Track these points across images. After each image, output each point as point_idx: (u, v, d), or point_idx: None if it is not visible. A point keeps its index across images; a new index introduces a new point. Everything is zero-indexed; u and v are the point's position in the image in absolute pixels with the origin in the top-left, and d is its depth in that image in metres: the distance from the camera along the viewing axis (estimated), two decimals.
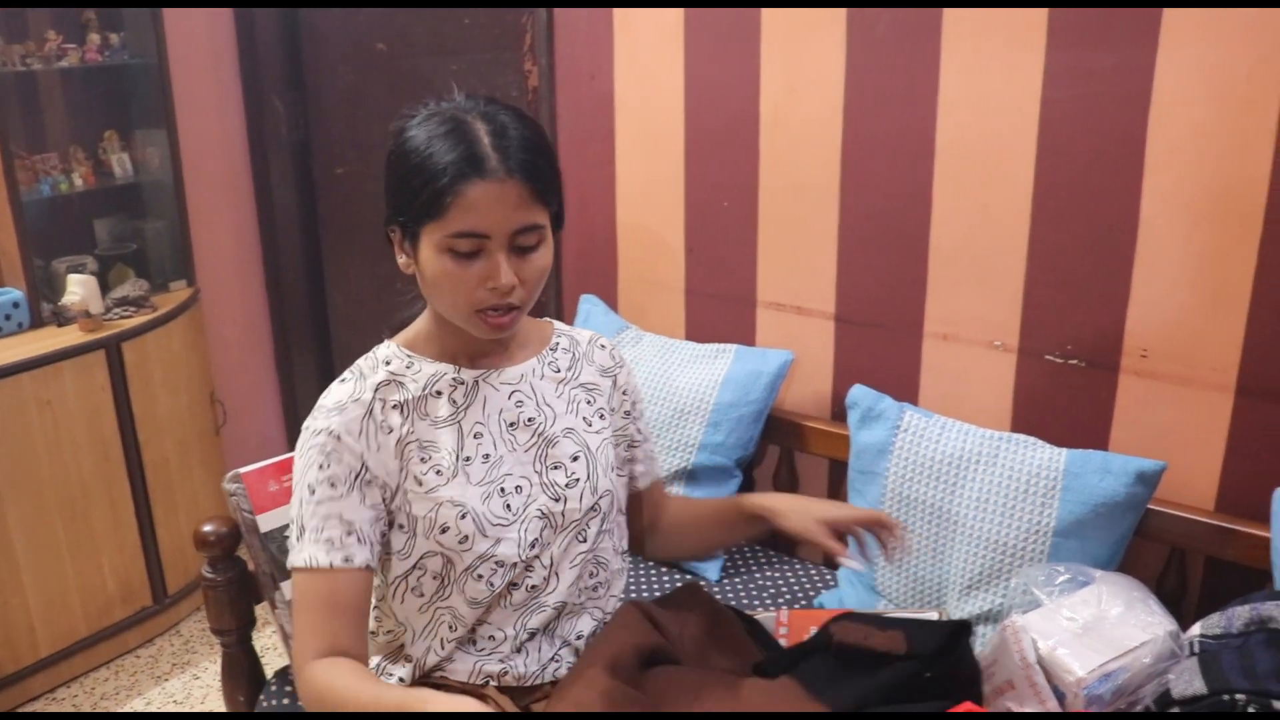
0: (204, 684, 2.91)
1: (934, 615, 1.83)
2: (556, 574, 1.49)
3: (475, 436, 1.45)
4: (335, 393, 1.42)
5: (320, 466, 1.38)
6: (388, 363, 1.45)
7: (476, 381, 1.47)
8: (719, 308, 2.45)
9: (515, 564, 1.44)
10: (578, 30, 2.53)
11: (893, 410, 2.03)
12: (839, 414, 2.24)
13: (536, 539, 1.45)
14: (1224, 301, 1.78)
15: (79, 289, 2.90)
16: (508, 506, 1.44)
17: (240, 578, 1.83)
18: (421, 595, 1.46)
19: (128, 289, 3.08)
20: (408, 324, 1.52)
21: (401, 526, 1.43)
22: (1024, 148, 1.92)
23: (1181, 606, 1.84)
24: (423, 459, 1.41)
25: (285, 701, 1.80)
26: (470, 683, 1.47)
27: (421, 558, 1.43)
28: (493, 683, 1.48)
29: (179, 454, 3.14)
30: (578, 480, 1.50)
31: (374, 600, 1.52)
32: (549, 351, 1.57)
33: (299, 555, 1.39)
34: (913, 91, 2.03)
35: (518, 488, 1.46)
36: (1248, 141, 1.71)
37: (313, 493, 1.38)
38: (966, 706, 1.36)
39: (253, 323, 3.82)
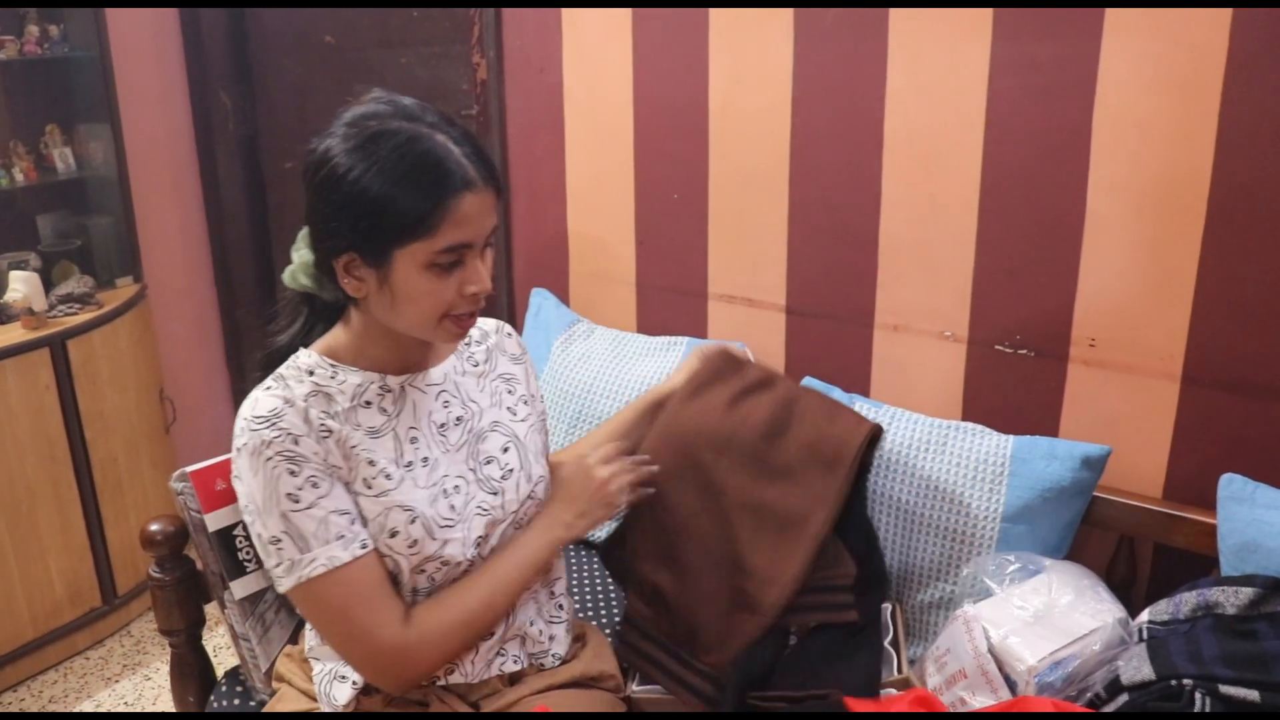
0: (155, 684, 2.88)
1: (886, 607, 1.84)
2: None
3: (412, 441, 1.43)
4: (265, 402, 1.36)
5: (292, 474, 1.32)
6: (310, 372, 1.40)
7: (403, 387, 1.45)
8: (670, 300, 2.45)
9: (460, 563, 1.43)
10: (526, 24, 2.52)
11: (841, 401, 2.03)
12: None
13: (482, 536, 1.45)
14: (1169, 290, 1.80)
15: (21, 286, 2.85)
16: (452, 507, 1.43)
17: (188, 577, 1.80)
18: None
19: (72, 286, 3.02)
20: (276, 357, 1.47)
21: None
22: (971, 138, 1.93)
23: (1131, 593, 1.86)
24: (370, 462, 1.38)
25: (236, 702, 1.78)
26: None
27: None
28: (439, 682, 1.47)
29: (128, 453, 3.10)
30: (511, 471, 1.51)
31: None
32: (465, 347, 1.57)
33: (313, 565, 1.33)
34: (860, 82, 2.04)
35: (456, 487, 1.45)
36: (1191, 132, 1.72)
37: (298, 501, 1.32)
38: (918, 693, 1.37)
39: (202, 319, 3.77)
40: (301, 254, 1.45)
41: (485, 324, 1.63)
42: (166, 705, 2.78)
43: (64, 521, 2.91)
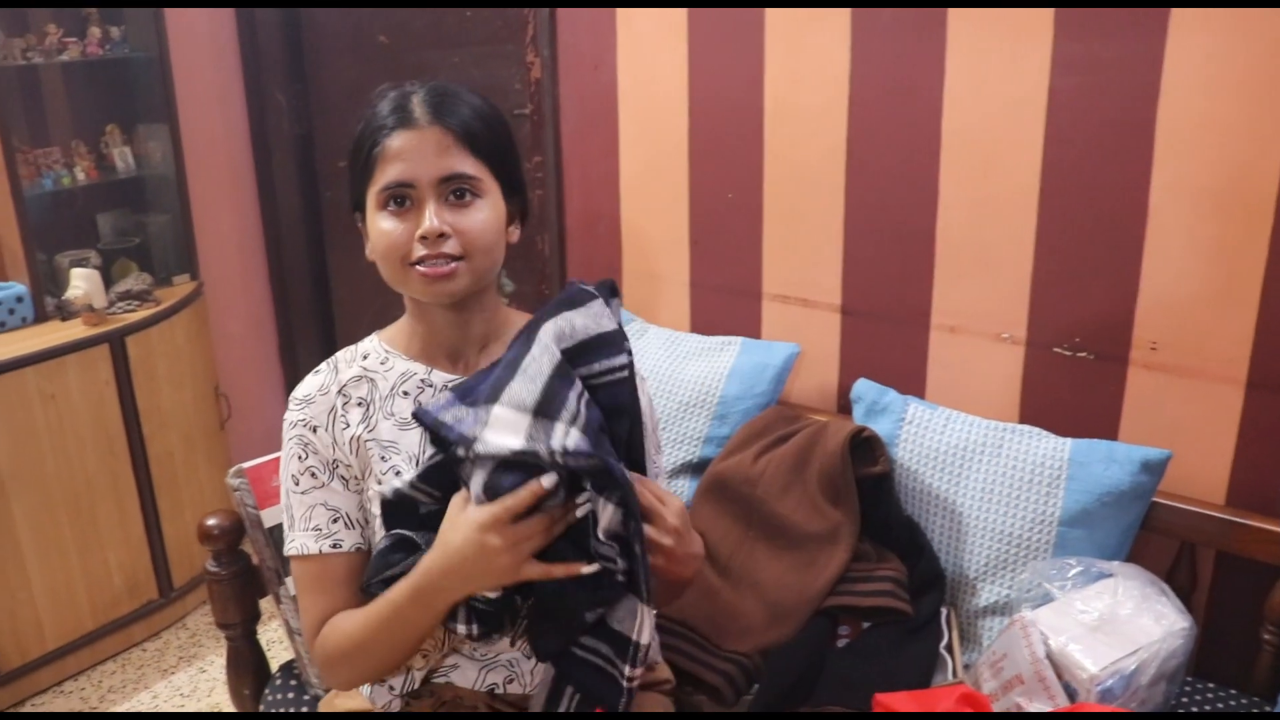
0: (210, 677, 2.91)
1: (944, 611, 1.82)
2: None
3: None
4: (306, 385, 1.42)
5: (299, 458, 1.39)
6: (365, 357, 1.44)
7: (445, 387, 1.42)
8: (724, 300, 2.44)
9: None
10: (580, 22, 2.52)
11: (897, 403, 2.01)
12: (845, 407, 2.23)
13: None
14: (1234, 293, 1.76)
15: (82, 283, 2.90)
16: None
17: (244, 572, 1.83)
18: None
19: (131, 283, 3.07)
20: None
21: (367, 523, 1.41)
22: (1030, 138, 1.91)
23: (1192, 601, 1.82)
24: (383, 458, 1.39)
25: (290, 695, 1.80)
26: (474, 689, 1.42)
27: None
28: (498, 689, 1.43)
29: (184, 448, 3.14)
30: None
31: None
32: None
33: (291, 544, 1.40)
34: (918, 81, 2.02)
35: None
36: (1257, 131, 1.69)
37: (296, 483, 1.39)
38: (963, 690, 1.35)
39: (257, 316, 3.81)
40: None
41: None
42: (221, 697, 2.81)
43: (122, 515, 2.96)
